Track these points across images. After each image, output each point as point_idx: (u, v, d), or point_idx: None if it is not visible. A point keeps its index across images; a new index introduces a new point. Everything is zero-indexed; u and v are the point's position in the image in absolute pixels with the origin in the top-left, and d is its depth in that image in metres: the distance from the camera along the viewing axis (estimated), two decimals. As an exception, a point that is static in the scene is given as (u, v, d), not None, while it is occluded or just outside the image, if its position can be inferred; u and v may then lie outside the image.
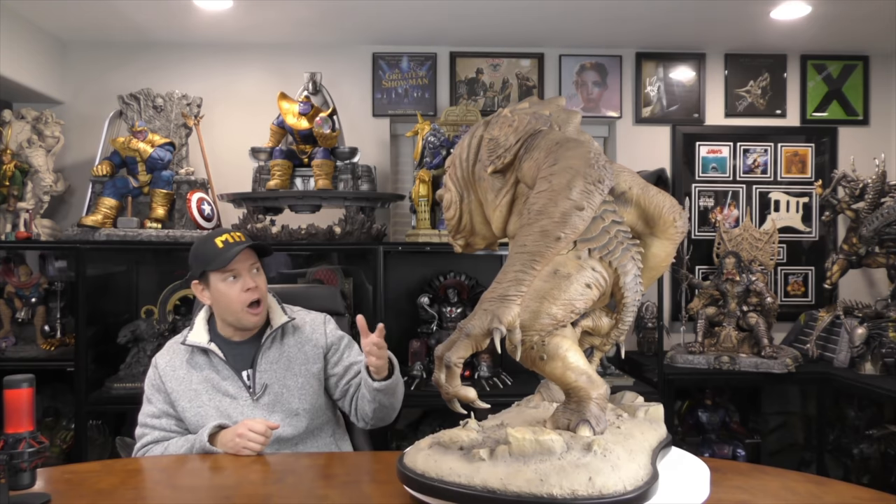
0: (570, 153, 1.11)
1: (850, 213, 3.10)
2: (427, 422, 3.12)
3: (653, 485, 1.10)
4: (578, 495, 1.03)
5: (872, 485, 2.50)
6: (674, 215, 1.31)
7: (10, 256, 3.01)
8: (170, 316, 2.99)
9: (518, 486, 1.03)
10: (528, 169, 1.18)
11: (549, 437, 1.09)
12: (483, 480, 1.06)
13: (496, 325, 1.07)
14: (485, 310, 1.10)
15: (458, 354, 1.10)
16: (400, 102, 3.44)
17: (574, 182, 1.08)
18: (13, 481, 1.25)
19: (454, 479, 1.08)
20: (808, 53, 3.51)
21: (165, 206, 2.97)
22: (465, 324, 1.11)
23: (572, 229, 1.09)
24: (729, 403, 3.25)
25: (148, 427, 1.87)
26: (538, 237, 1.09)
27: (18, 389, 1.28)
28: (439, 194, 1.44)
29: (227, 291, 1.86)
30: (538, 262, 1.10)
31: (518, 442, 1.08)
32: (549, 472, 1.05)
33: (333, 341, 1.99)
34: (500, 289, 1.10)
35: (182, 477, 1.59)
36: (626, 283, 1.23)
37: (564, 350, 1.15)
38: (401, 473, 1.19)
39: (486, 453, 1.09)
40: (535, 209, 1.10)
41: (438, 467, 1.11)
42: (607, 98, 3.50)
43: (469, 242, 1.43)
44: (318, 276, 3.09)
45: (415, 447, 1.23)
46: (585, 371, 1.17)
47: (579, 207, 1.08)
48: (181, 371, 1.89)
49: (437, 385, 1.15)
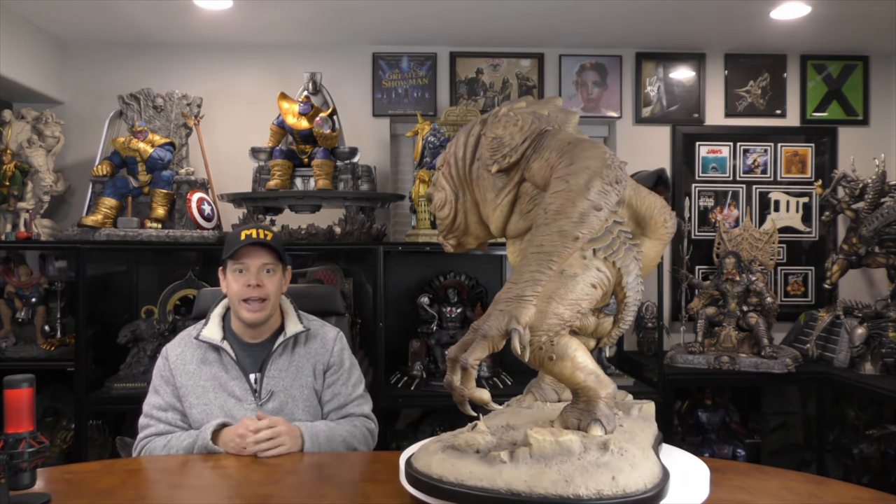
0: (587, 153, 1.10)
1: (850, 213, 3.10)
2: (427, 422, 3.12)
3: (667, 482, 1.12)
4: (604, 495, 1.03)
5: (872, 485, 2.51)
6: (665, 216, 1.34)
7: (10, 256, 3.01)
8: (170, 316, 2.99)
9: (544, 488, 1.03)
10: (539, 169, 1.17)
11: (568, 437, 1.09)
12: (507, 483, 1.05)
13: (514, 326, 1.06)
14: (501, 310, 1.08)
15: (474, 356, 1.08)
16: (400, 102, 3.44)
17: (592, 182, 1.07)
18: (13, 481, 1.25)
19: (475, 483, 1.07)
20: (807, 53, 3.51)
21: (165, 206, 2.97)
22: (480, 325, 1.09)
23: (589, 229, 1.08)
24: (729, 403, 3.25)
25: (153, 419, 1.87)
26: (556, 237, 1.08)
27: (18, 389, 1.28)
28: (429, 193, 1.42)
29: (232, 282, 1.90)
30: (555, 262, 1.08)
31: (539, 443, 1.07)
32: (572, 472, 1.05)
33: (336, 362, 1.98)
34: (516, 289, 1.08)
35: (182, 477, 1.59)
36: (628, 283, 1.24)
37: (573, 350, 1.16)
38: (412, 478, 1.16)
39: (507, 455, 1.08)
40: (553, 209, 1.09)
41: (457, 471, 1.10)
42: (607, 98, 3.50)
43: (461, 242, 1.41)
44: (318, 276, 3.09)
45: (423, 450, 1.21)
46: (594, 371, 1.18)
47: (597, 207, 1.08)
48: (192, 366, 1.90)
49: (449, 387, 1.13)
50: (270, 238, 1.91)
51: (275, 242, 1.92)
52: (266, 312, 1.91)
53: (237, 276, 1.89)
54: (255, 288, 1.87)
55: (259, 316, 1.90)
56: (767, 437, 3.38)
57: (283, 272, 1.96)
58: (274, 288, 1.92)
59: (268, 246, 1.90)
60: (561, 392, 1.47)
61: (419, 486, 1.15)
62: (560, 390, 1.47)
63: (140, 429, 1.88)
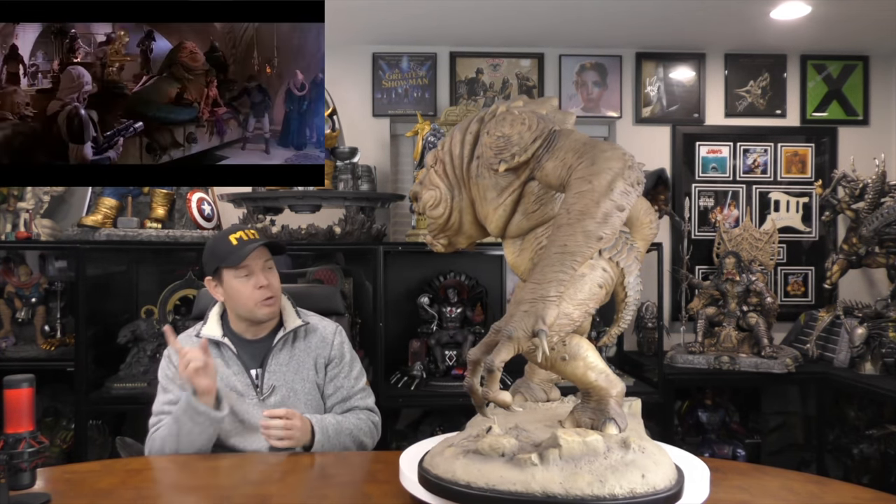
0: (607, 154, 1.10)
1: (850, 213, 3.10)
2: (427, 422, 3.12)
3: (683, 478, 1.13)
4: (637, 493, 1.04)
5: (872, 485, 2.50)
6: (650, 216, 1.37)
7: (10, 256, 3.01)
8: (170, 316, 2.99)
9: (580, 489, 1.03)
10: (554, 169, 1.16)
11: (594, 437, 1.09)
12: (542, 487, 1.04)
13: (541, 327, 1.05)
14: (526, 311, 1.06)
15: (500, 357, 1.06)
16: (400, 102, 3.44)
17: (615, 183, 1.07)
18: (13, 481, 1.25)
19: (508, 488, 1.06)
20: (808, 53, 3.51)
21: (165, 206, 2.97)
22: (503, 326, 1.08)
23: (612, 229, 1.08)
24: (729, 403, 3.25)
25: (164, 414, 1.86)
26: (581, 237, 1.07)
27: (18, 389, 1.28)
28: (415, 191, 1.39)
29: (241, 289, 1.89)
30: (578, 262, 1.08)
31: (568, 444, 1.07)
32: (605, 472, 1.05)
33: (336, 355, 1.99)
34: (539, 289, 1.07)
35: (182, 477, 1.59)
36: (629, 283, 1.25)
37: (585, 350, 1.16)
38: (433, 485, 1.14)
39: (538, 458, 1.07)
40: (577, 209, 1.08)
41: (486, 476, 1.08)
42: (607, 98, 3.49)
43: (452, 242, 1.39)
44: (318, 276, 3.09)
45: (438, 455, 1.19)
46: (604, 370, 1.18)
47: (620, 208, 1.07)
48: None
49: (470, 391, 1.12)
50: (258, 237, 1.92)
51: (264, 238, 1.94)
52: (278, 306, 1.94)
53: (243, 281, 1.89)
54: (267, 288, 1.89)
55: (275, 310, 1.93)
56: (767, 437, 3.38)
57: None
58: (278, 282, 1.95)
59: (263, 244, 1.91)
60: (549, 392, 1.48)
61: (445, 494, 1.12)
62: (548, 390, 1.48)
63: (150, 427, 1.87)
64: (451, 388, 2.82)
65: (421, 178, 1.38)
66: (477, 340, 2.93)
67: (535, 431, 1.20)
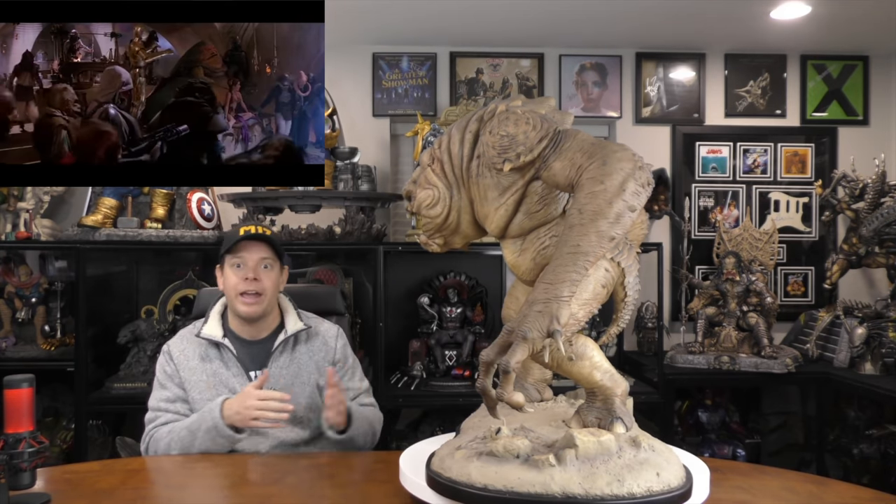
0: (617, 155, 1.10)
1: (850, 213, 3.10)
2: (427, 422, 3.12)
3: (691, 475, 1.15)
4: (653, 491, 1.06)
5: (872, 485, 2.50)
6: (641, 217, 1.37)
7: (10, 256, 3.01)
8: (170, 316, 2.99)
9: (600, 489, 1.04)
10: (562, 169, 1.15)
11: (607, 437, 1.10)
12: (561, 487, 1.05)
13: (556, 327, 1.04)
14: (540, 311, 1.06)
15: (516, 358, 1.06)
16: (400, 102, 3.44)
17: (627, 183, 1.07)
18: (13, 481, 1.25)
19: (527, 490, 1.06)
20: (807, 53, 3.51)
21: (165, 206, 2.97)
22: (516, 326, 1.07)
23: (623, 229, 1.08)
24: (729, 403, 3.25)
25: (161, 411, 1.87)
26: (594, 237, 1.07)
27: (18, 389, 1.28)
28: (409, 190, 1.37)
29: (230, 276, 1.91)
30: (591, 262, 1.08)
31: (584, 444, 1.08)
32: (621, 471, 1.06)
33: (340, 358, 2.01)
34: (552, 289, 1.07)
35: (182, 477, 1.59)
36: (629, 282, 1.26)
37: (591, 350, 1.17)
38: (449, 489, 1.13)
39: (555, 459, 1.07)
40: (590, 209, 1.08)
41: (504, 478, 1.08)
42: (607, 98, 3.49)
43: (448, 242, 1.39)
44: (318, 276, 3.09)
45: (449, 458, 1.18)
46: (609, 370, 1.19)
47: (632, 208, 1.08)
48: (194, 361, 1.91)
49: (482, 392, 1.11)
50: (269, 234, 1.94)
51: (273, 238, 1.95)
52: (262, 307, 1.91)
53: (235, 270, 1.90)
54: (253, 282, 1.88)
55: (255, 310, 1.90)
56: (767, 437, 3.38)
57: (280, 270, 1.97)
58: (271, 283, 1.92)
59: (266, 240, 1.92)
60: (542, 392, 1.48)
61: (460, 497, 1.12)
62: (542, 390, 1.48)
63: (147, 423, 1.87)
64: (451, 388, 2.82)
65: (415, 176, 1.36)
66: (477, 340, 2.95)
67: (542, 432, 1.20)
